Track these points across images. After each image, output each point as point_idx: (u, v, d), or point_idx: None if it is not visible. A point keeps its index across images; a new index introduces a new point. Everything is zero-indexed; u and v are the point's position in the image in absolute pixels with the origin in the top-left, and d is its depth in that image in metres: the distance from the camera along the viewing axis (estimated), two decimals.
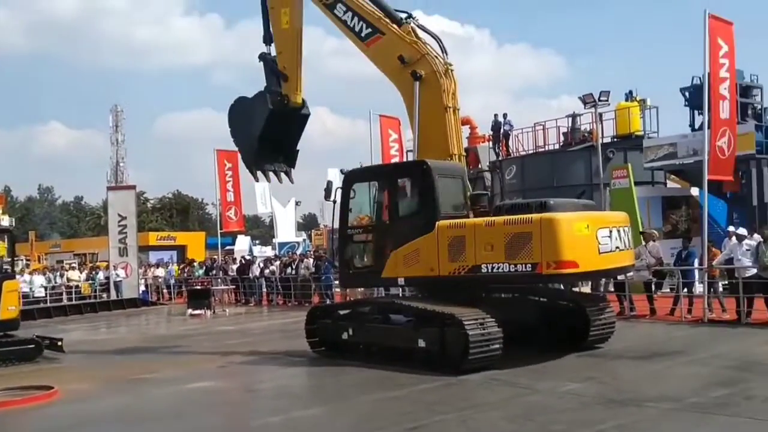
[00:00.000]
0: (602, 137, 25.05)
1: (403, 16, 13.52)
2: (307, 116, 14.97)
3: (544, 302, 12.57)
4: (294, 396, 9.99)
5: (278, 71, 14.34)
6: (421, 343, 10.87)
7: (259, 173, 15.15)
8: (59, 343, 14.76)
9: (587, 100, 23.66)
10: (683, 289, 15.58)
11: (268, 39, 14.66)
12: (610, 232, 11.00)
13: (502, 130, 30.22)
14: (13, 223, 57.61)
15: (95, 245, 45.15)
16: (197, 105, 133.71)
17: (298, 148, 15.31)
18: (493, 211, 11.47)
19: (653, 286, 16.35)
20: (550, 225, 10.27)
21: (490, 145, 31.57)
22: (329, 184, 12.64)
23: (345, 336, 12.11)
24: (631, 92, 27.35)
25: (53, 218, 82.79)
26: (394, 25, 13.31)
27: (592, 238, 10.63)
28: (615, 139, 26.62)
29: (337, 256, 12.90)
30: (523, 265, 10.39)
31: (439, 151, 12.57)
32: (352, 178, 12.73)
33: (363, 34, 13.56)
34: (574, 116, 28.01)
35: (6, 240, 15.90)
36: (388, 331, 11.69)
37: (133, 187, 31.38)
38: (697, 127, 23.49)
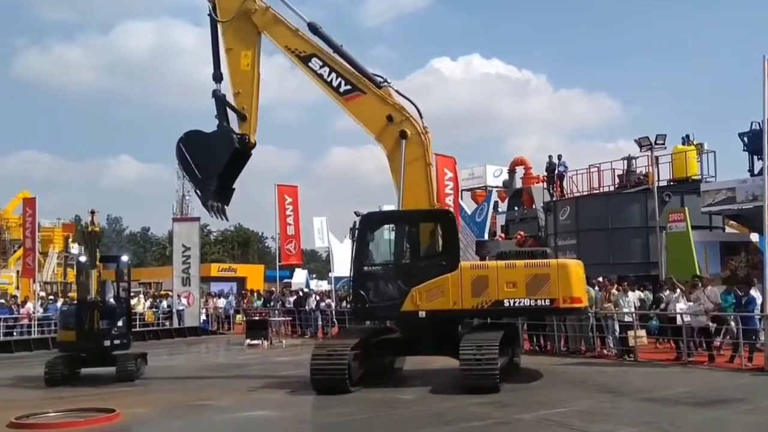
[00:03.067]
0: (658, 180, 24.55)
1: (379, 80, 14.21)
2: (250, 156, 15.02)
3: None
4: (345, 428, 9.89)
5: (234, 110, 14.41)
6: None
7: (211, 208, 14.91)
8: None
9: (643, 143, 23.30)
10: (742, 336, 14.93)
11: (218, 77, 14.65)
12: None
13: (556, 171, 29.92)
14: (83, 251, 59.36)
15: (160, 275, 45.94)
16: (260, 142, 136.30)
17: (234, 186, 15.22)
18: (497, 257, 13.78)
19: (712, 332, 15.72)
20: (565, 268, 12.84)
21: (545, 185, 31.26)
22: (355, 224, 13.40)
23: None
24: (688, 136, 26.80)
25: (121, 248, 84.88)
26: (374, 87, 14.07)
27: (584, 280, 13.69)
28: (671, 183, 26.06)
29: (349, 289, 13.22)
30: (543, 300, 12.58)
31: (422, 202, 13.77)
32: (371, 220, 13.63)
33: (341, 90, 14.09)
34: (629, 159, 27.56)
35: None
36: None
37: (198, 219, 31.95)
38: (756, 172, 22.82)
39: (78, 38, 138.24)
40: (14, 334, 25.49)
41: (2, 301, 28.74)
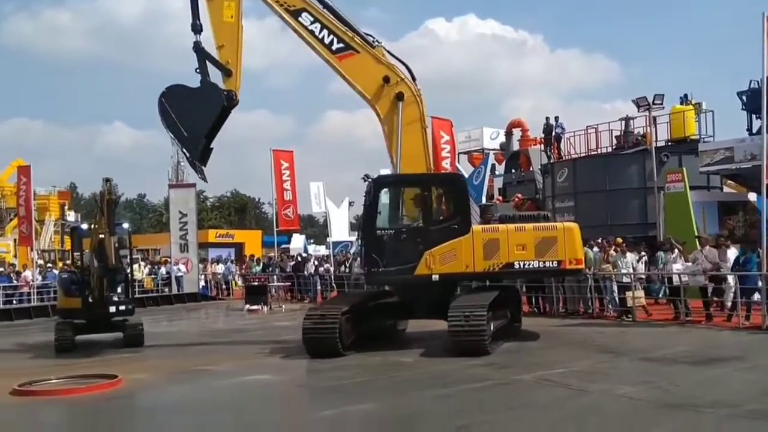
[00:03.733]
0: (656, 141, 24.44)
1: (370, 40, 13.99)
2: (229, 114, 14.13)
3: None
4: (347, 391, 9.94)
5: (218, 65, 13.60)
6: None
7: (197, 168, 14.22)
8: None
9: (641, 104, 23.15)
10: (741, 296, 15.01)
11: (197, 28, 13.74)
12: None
13: (553, 133, 29.77)
14: (79, 219, 59.25)
15: (157, 241, 46.01)
16: (254, 106, 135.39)
17: (212, 146, 14.31)
18: (499, 220, 13.88)
19: (710, 292, 15.79)
20: (572, 231, 13.43)
21: (542, 147, 31.13)
22: (369, 188, 13.22)
23: None
24: (686, 96, 26.58)
25: (117, 214, 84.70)
26: (368, 46, 13.86)
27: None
28: (669, 143, 25.93)
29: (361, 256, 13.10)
30: (551, 262, 13.15)
31: (420, 166, 13.82)
32: (383, 183, 13.49)
33: (334, 48, 13.74)
34: (627, 119, 27.39)
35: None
36: None
37: (194, 186, 31.78)
38: (755, 131, 22.71)
39: (67, 2, 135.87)
40: (14, 302, 25.60)
41: (1, 269, 28.77)
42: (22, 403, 9.67)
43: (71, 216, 59.24)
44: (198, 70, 13.63)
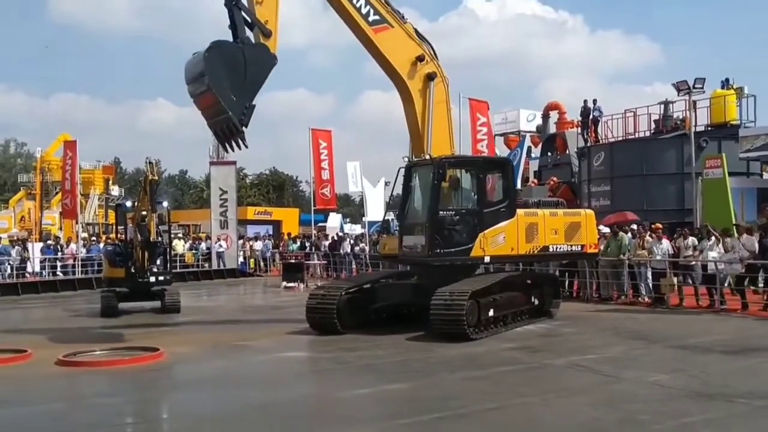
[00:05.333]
0: (695, 125, 23.94)
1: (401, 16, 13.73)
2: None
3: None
4: (381, 370, 10.05)
5: (256, 23, 11.91)
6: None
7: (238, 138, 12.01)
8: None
9: (681, 87, 22.66)
10: None
11: None
12: None
13: (591, 116, 29.29)
14: (123, 193, 60.31)
15: (198, 217, 46.60)
16: (293, 85, 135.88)
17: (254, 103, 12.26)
18: (522, 205, 14.22)
19: (746, 280, 15.51)
20: (592, 218, 14.91)
21: (579, 131, 30.70)
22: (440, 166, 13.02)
23: None
24: (727, 80, 26.01)
25: (161, 190, 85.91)
26: (401, 21, 13.66)
27: None
28: (709, 128, 25.41)
29: (425, 234, 12.93)
30: (576, 246, 14.33)
31: (446, 148, 13.89)
32: (445, 165, 13.19)
33: (370, 19, 13.35)
34: (666, 103, 26.91)
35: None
36: None
37: (234, 163, 32.05)
38: None
39: None
40: (58, 273, 26.24)
41: (50, 242, 29.46)
42: (66, 373, 9.94)
43: (115, 190, 60.39)
44: (232, 28, 11.88)
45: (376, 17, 13.37)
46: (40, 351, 10.96)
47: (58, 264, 26.88)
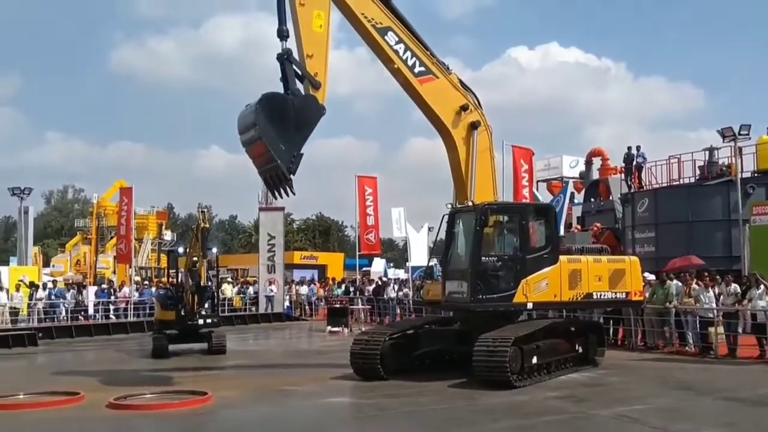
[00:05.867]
0: (742, 172, 23.48)
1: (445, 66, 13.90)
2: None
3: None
4: (423, 418, 9.91)
5: (306, 76, 12.13)
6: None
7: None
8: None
9: (726, 134, 22.33)
10: None
11: (284, 33, 12.18)
12: None
13: (635, 162, 28.98)
14: (175, 238, 61.40)
15: (246, 262, 47.10)
16: (339, 133, 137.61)
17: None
18: (565, 251, 14.09)
19: None
20: (636, 264, 14.57)
21: (622, 177, 30.35)
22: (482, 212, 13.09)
23: None
24: None
25: (211, 236, 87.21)
26: (446, 72, 13.83)
27: None
28: (756, 174, 24.87)
29: (468, 280, 12.87)
30: (621, 293, 14.14)
31: (489, 195, 13.88)
32: (487, 211, 13.19)
33: (416, 71, 13.51)
34: (711, 150, 26.43)
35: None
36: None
37: (282, 209, 32.47)
38: None
39: (170, 32, 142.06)
40: (111, 316, 26.72)
41: (104, 286, 30.12)
42: (117, 416, 10.04)
43: (168, 235, 61.50)
44: (283, 80, 12.16)
45: (422, 68, 13.55)
46: (92, 393, 11.14)
47: (111, 307, 27.39)
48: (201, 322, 17.09)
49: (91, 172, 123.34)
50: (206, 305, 17.32)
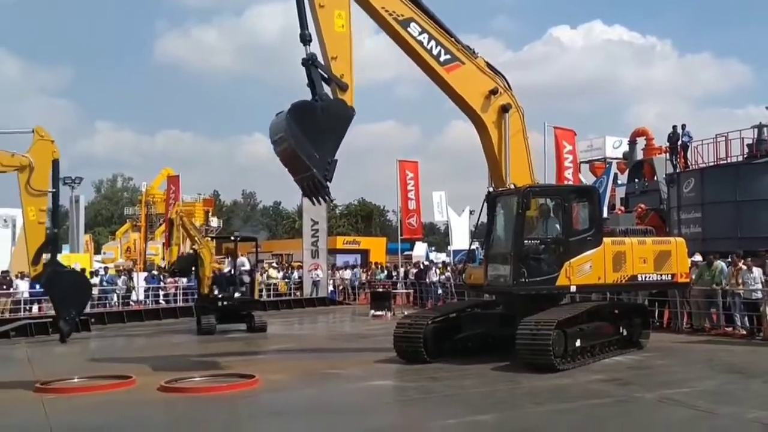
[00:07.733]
0: None
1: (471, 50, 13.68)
2: None
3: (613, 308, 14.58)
4: (467, 401, 9.95)
5: (332, 78, 11.78)
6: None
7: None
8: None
9: None
10: None
11: (307, 38, 11.77)
12: None
13: (680, 142, 28.29)
14: (221, 225, 62.31)
15: (291, 247, 47.60)
16: (381, 117, 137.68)
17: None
18: (609, 233, 13.93)
19: None
20: (682, 246, 14.32)
21: (667, 156, 29.69)
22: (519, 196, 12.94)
23: None
24: None
25: (255, 221, 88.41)
26: (472, 57, 13.60)
27: None
28: None
29: (510, 263, 12.81)
30: (666, 275, 13.84)
31: (525, 177, 13.74)
32: (529, 194, 13.06)
33: (441, 59, 13.27)
34: (760, 127, 25.63)
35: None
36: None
37: None
38: None
39: (214, 20, 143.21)
40: (161, 302, 27.32)
41: (154, 272, 30.79)
42: (167, 399, 10.28)
43: (214, 222, 62.47)
44: (310, 86, 11.79)
45: (447, 56, 13.32)
46: (144, 377, 11.43)
47: (161, 293, 28.01)
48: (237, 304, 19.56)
49: (140, 161, 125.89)
50: (244, 289, 19.95)
